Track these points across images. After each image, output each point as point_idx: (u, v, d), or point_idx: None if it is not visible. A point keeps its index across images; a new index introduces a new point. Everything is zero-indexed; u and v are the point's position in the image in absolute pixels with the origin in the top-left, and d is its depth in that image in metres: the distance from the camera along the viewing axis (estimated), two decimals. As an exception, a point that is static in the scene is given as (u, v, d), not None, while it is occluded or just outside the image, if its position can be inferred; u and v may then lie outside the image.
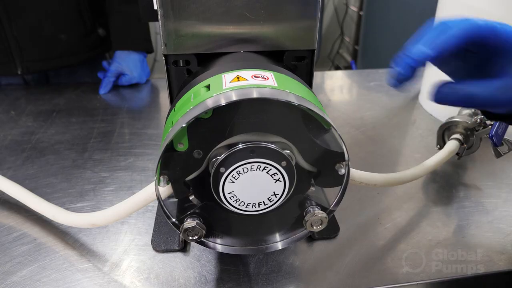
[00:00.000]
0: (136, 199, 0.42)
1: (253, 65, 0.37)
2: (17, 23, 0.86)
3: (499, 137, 0.55)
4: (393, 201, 0.57)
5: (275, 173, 0.35)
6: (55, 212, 0.48)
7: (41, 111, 0.82)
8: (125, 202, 0.42)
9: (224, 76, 0.35)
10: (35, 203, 0.50)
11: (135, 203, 0.42)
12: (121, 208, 0.43)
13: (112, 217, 0.44)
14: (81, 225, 0.47)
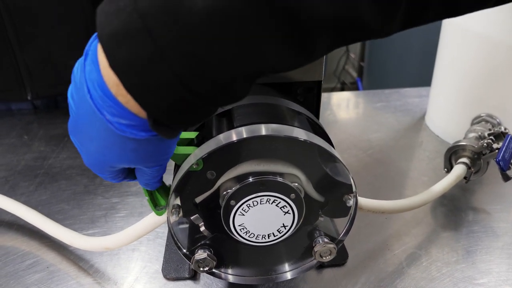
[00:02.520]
0: (147, 222, 0.43)
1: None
2: (28, 50, 0.88)
3: (506, 161, 0.55)
4: (402, 226, 0.57)
5: (284, 205, 0.36)
6: (69, 236, 0.49)
7: (53, 135, 0.84)
8: (136, 225, 0.43)
9: None
10: (49, 226, 0.51)
11: (147, 226, 0.43)
12: (133, 231, 0.43)
13: (124, 240, 0.45)
14: (93, 249, 0.48)
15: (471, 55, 0.71)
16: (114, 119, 0.26)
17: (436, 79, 0.83)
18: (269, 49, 0.23)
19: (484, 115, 0.70)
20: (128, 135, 0.27)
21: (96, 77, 0.25)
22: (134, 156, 0.29)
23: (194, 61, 0.22)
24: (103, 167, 0.32)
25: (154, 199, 0.39)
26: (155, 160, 0.31)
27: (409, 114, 0.91)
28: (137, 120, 0.26)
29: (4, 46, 0.87)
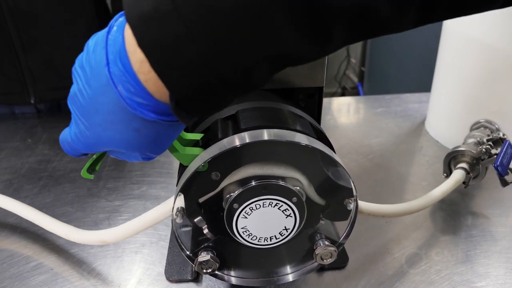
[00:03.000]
0: (145, 218, 0.43)
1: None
2: (32, 54, 0.90)
3: (504, 167, 0.56)
4: (401, 230, 0.58)
5: (286, 209, 0.37)
6: (66, 230, 0.50)
7: (56, 139, 0.84)
8: (135, 220, 0.44)
9: None
10: (45, 221, 0.52)
11: (145, 222, 0.43)
12: (131, 226, 0.44)
13: (121, 234, 0.45)
14: (90, 242, 0.49)
15: (470, 61, 0.72)
16: (128, 95, 0.26)
17: (436, 85, 0.84)
18: (289, 36, 0.24)
19: (483, 121, 0.71)
20: (137, 113, 0.27)
21: (120, 50, 0.26)
22: (133, 137, 0.29)
23: (220, 42, 0.23)
24: (91, 143, 0.32)
25: (95, 164, 0.40)
26: (151, 148, 0.31)
27: (409, 119, 0.92)
28: (151, 101, 0.26)
29: (8, 49, 0.88)
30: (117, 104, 0.27)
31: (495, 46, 0.68)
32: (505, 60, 0.67)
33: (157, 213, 0.43)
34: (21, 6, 0.85)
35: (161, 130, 0.29)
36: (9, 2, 0.84)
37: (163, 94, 0.26)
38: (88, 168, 0.40)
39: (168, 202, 0.42)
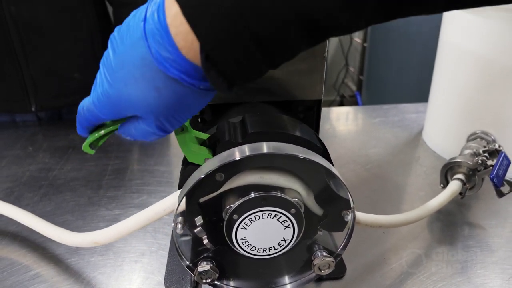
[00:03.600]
0: (139, 217, 0.43)
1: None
2: (34, 62, 0.90)
3: (500, 178, 0.57)
4: (399, 241, 0.58)
5: (284, 220, 0.37)
6: (58, 233, 0.51)
7: (57, 147, 0.86)
8: (127, 221, 0.44)
9: None
10: (37, 224, 0.53)
11: (137, 222, 0.44)
12: (123, 226, 0.44)
13: (114, 235, 0.45)
14: (82, 244, 0.49)
15: (466, 72, 0.73)
16: (157, 47, 0.27)
17: (433, 96, 0.85)
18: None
19: (480, 132, 0.72)
20: (161, 67, 0.28)
21: (159, 6, 0.27)
22: (153, 97, 0.29)
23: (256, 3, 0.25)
24: (111, 103, 0.32)
25: (99, 140, 0.39)
26: (168, 113, 0.31)
27: (406, 129, 0.93)
28: (177, 56, 0.27)
29: (10, 58, 0.89)
30: (144, 59, 0.28)
31: (490, 58, 0.69)
32: (500, 72, 0.68)
33: (150, 212, 0.43)
34: (23, 14, 0.86)
35: (182, 94, 0.29)
36: (11, 10, 0.85)
37: (190, 50, 0.27)
38: (91, 143, 0.39)
39: (161, 202, 0.42)
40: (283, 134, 0.37)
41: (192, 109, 0.32)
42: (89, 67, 0.97)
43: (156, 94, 0.29)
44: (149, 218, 0.43)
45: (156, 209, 0.43)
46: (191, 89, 0.29)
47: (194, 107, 0.32)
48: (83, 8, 0.92)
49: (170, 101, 0.30)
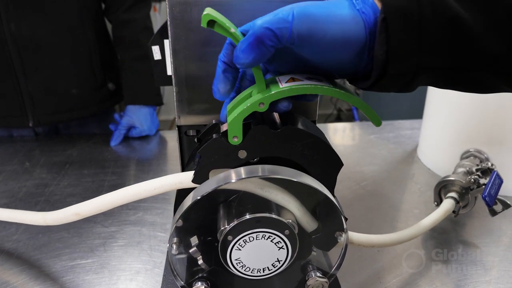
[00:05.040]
0: (124, 192, 0.42)
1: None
2: (32, 79, 0.91)
3: (492, 197, 0.58)
4: (393, 259, 0.58)
5: (278, 241, 0.38)
6: (42, 216, 0.50)
7: (54, 162, 0.86)
8: (111, 193, 0.42)
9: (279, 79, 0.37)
10: (20, 215, 0.52)
11: (122, 196, 0.42)
12: (107, 199, 0.43)
13: (96, 207, 0.43)
14: (67, 219, 0.48)
15: (460, 92, 0.75)
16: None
17: (427, 114, 0.86)
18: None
19: (473, 150, 0.73)
20: (356, 12, 0.32)
21: None
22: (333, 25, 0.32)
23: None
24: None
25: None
26: (336, 52, 0.33)
27: (401, 146, 0.94)
28: (370, 11, 0.33)
29: (9, 75, 0.89)
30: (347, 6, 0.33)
31: (471, 110, 0.70)
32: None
33: (138, 188, 0.41)
34: (23, 32, 0.88)
35: (342, 37, 0.33)
36: (11, 28, 0.86)
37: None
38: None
39: (154, 180, 0.41)
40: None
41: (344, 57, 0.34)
42: (87, 84, 0.99)
43: (335, 26, 0.33)
44: (136, 194, 0.41)
45: (146, 186, 0.41)
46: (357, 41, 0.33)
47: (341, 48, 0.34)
48: (82, 26, 0.94)
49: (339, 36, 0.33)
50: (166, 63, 0.61)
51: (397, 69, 0.32)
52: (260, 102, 0.35)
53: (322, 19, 0.32)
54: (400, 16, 0.31)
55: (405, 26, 0.31)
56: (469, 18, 0.32)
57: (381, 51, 0.32)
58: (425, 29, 0.31)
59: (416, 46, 0.32)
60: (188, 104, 0.45)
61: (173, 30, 0.41)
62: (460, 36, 0.32)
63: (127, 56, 0.97)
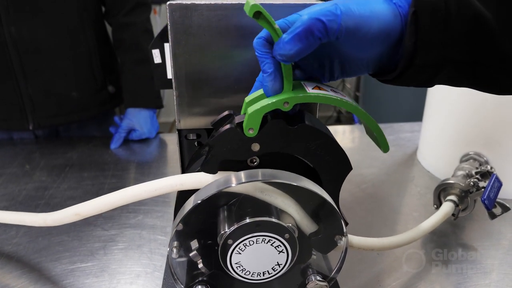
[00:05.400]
0: (124, 193, 0.42)
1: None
2: (32, 81, 0.91)
3: (491, 200, 0.58)
4: (392, 262, 0.59)
5: (278, 245, 0.38)
6: (42, 217, 0.50)
7: (54, 165, 0.86)
8: (111, 194, 0.42)
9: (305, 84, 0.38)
10: (21, 217, 0.53)
11: (122, 197, 0.42)
12: (106, 200, 0.42)
13: (97, 207, 0.43)
14: (67, 219, 0.47)
15: (459, 94, 0.75)
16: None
17: (427, 117, 0.86)
18: None
19: (472, 153, 0.73)
20: (393, 6, 0.35)
21: None
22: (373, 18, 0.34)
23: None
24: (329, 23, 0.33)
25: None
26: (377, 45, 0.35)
27: (401, 149, 0.94)
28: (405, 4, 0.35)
29: (9, 77, 0.90)
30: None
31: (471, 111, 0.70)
32: (492, 95, 0.70)
33: (139, 190, 0.41)
34: (23, 34, 0.88)
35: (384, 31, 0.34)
36: (11, 31, 0.86)
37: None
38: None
39: (155, 181, 0.41)
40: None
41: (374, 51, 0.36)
42: (87, 86, 0.99)
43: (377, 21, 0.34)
44: (136, 195, 0.41)
45: (146, 187, 0.41)
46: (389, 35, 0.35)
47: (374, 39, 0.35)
48: (82, 29, 0.94)
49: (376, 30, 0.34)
50: (166, 66, 0.62)
51: (424, 60, 0.34)
52: (286, 101, 0.35)
53: (367, 14, 0.34)
54: (428, 11, 0.33)
55: (432, 20, 0.33)
56: (491, 17, 0.33)
57: (410, 42, 0.34)
58: (450, 24, 0.33)
59: (442, 40, 0.34)
60: (188, 108, 0.45)
61: (173, 35, 0.41)
62: (481, 33, 0.34)
63: (127, 59, 0.98)
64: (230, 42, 0.42)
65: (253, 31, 0.41)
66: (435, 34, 0.34)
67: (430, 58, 0.34)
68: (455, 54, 0.35)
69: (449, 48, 0.34)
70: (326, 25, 0.32)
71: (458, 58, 0.35)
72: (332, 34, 0.33)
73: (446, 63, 0.35)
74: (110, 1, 0.98)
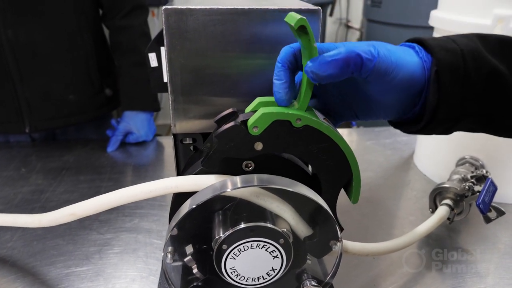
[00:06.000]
0: (120, 193, 0.41)
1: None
2: (29, 84, 0.91)
3: (486, 204, 0.58)
4: (388, 266, 0.59)
5: (273, 250, 0.38)
6: (38, 218, 0.50)
7: (51, 168, 0.86)
8: (108, 195, 0.42)
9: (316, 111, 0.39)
10: (14, 219, 0.52)
11: (119, 198, 0.41)
12: (103, 200, 0.42)
13: (93, 208, 0.43)
14: (63, 219, 0.47)
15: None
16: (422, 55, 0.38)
17: (423, 120, 0.87)
18: None
19: (468, 157, 0.74)
20: (420, 60, 0.38)
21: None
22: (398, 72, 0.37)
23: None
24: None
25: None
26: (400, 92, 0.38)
27: (397, 152, 0.95)
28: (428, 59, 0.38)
29: (5, 80, 0.89)
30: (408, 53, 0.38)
31: None
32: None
33: (135, 190, 0.41)
34: (20, 37, 0.88)
35: (409, 81, 0.37)
36: (8, 34, 0.86)
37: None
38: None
39: (151, 182, 0.41)
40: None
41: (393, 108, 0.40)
42: (84, 89, 0.98)
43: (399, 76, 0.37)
44: (132, 196, 0.41)
45: (142, 188, 0.41)
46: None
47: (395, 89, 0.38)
48: (79, 32, 0.94)
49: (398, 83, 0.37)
50: (163, 70, 0.62)
51: (445, 114, 0.38)
52: (300, 117, 0.36)
53: (397, 62, 0.37)
54: (449, 70, 0.37)
55: (452, 78, 0.37)
56: (505, 71, 0.37)
57: (433, 98, 0.37)
58: (468, 81, 0.37)
59: (461, 96, 0.37)
60: (184, 112, 0.45)
61: (169, 39, 0.41)
62: (498, 87, 0.37)
63: (124, 62, 0.98)
64: (226, 47, 0.42)
65: (249, 36, 0.42)
66: (455, 91, 0.37)
67: (451, 113, 0.38)
68: (474, 107, 0.38)
69: (468, 103, 0.38)
70: (363, 62, 0.35)
71: (476, 111, 0.38)
72: (364, 72, 0.36)
73: (465, 116, 0.39)
74: (107, 4, 0.98)
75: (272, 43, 0.42)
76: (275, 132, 0.37)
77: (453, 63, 0.37)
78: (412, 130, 0.41)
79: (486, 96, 0.38)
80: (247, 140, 0.37)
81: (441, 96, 0.37)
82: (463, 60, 0.37)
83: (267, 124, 0.36)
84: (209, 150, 0.38)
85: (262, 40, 0.42)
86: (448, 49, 0.37)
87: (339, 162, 0.39)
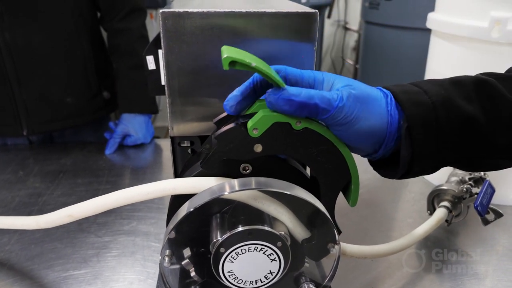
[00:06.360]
0: (117, 195, 0.42)
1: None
2: (27, 87, 0.91)
3: (483, 206, 0.58)
4: (386, 268, 0.59)
5: (271, 253, 0.38)
6: (35, 220, 0.49)
7: (48, 171, 0.86)
8: (105, 196, 0.42)
9: None
10: (12, 221, 0.52)
11: (116, 199, 0.42)
12: (100, 201, 0.42)
13: (90, 209, 0.43)
14: (60, 221, 0.47)
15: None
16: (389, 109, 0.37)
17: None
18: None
19: (466, 159, 0.74)
20: (386, 113, 0.37)
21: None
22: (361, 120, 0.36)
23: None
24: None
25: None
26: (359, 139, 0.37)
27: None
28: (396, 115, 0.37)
29: (3, 82, 0.89)
30: (382, 108, 0.38)
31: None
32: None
33: (133, 192, 0.41)
34: (18, 40, 0.87)
35: (364, 135, 0.37)
36: (6, 36, 0.86)
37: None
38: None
39: (148, 184, 0.41)
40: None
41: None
42: (82, 92, 0.98)
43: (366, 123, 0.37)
44: (129, 197, 0.41)
45: (139, 190, 0.41)
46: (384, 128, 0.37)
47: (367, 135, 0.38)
48: (77, 35, 0.94)
49: (367, 130, 0.37)
50: (161, 72, 0.62)
51: (420, 167, 0.38)
52: (299, 120, 0.36)
53: (358, 114, 0.36)
54: (421, 125, 0.36)
55: (425, 133, 0.36)
56: (478, 115, 0.36)
57: (407, 153, 0.37)
58: (442, 132, 0.36)
59: (436, 148, 0.37)
60: (182, 115, 0.45)
61: (166, 42, 0.41)
62: (473, 133, 0.37)
63: (122, 65, 0.98)
64: (223, 50, 0.42)
65: (246, 39, 0.42)
66: (429, 144, 0.36)
67: (426, 165, 0.38)
68: (451, 156, 0.38)
69: (445, 152, 0.37)
70: (319, 111, 0.35)
71: (453, 158, 0.38)
72: (320, 118, 0.36)
73: (443, 164, 0.39)
74: (105, 6, 0.98)
75: (269, 45, 0.42)
76: (275, 134, 0.37)
77: (425, 117, 0.36)
78: (389, 177, 0.41)
79: (463, 144, 0.37)
80: (247, 142, 0.37)
81: (415, 150, 0.37)
82: (435, 112, 0.36)
83: (267, 126, 0.36)
84: (208, 151, 0.38)
85: (259, 43, 0.42)
86: (419, 103, 0.37)
87: (338, 165, 0.39)
